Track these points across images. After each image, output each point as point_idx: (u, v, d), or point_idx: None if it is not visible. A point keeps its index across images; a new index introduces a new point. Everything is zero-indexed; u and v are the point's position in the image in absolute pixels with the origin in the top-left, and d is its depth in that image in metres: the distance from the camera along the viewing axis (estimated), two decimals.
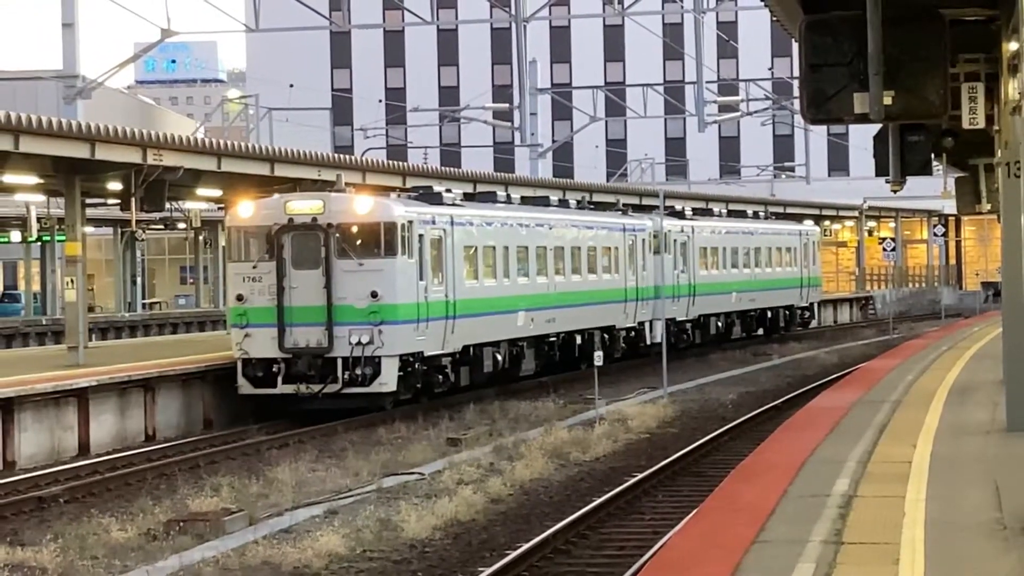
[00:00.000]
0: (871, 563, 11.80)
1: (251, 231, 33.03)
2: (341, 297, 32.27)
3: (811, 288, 64.04)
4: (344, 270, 32.31)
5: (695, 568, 11.88)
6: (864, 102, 17.04)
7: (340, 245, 32.39)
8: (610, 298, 45.45)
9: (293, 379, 32.25)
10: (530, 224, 40.45)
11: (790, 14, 18.86)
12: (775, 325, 60.78)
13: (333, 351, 32.21)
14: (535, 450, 27.34)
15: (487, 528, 20.71)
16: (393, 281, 32.47)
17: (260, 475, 24.93)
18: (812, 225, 67.95)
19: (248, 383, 32.52)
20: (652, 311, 47.60)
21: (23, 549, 18.92)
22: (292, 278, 32.44)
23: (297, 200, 33.27)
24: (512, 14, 58.20)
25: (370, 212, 32.68)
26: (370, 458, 27.04)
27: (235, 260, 33.29)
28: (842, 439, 19.63)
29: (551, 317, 40.97)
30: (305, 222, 32.50)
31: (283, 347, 32.32)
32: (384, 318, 32.17)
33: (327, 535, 19.28)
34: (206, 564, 18.08)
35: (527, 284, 39.81)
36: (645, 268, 47.93)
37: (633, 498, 22.85)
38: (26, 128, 28.97)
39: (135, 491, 23.84)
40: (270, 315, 32.38)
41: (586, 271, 43.88)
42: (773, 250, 59.89)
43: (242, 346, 32.53)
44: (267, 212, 33.02)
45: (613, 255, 46.07)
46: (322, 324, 32.22)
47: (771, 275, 59.30)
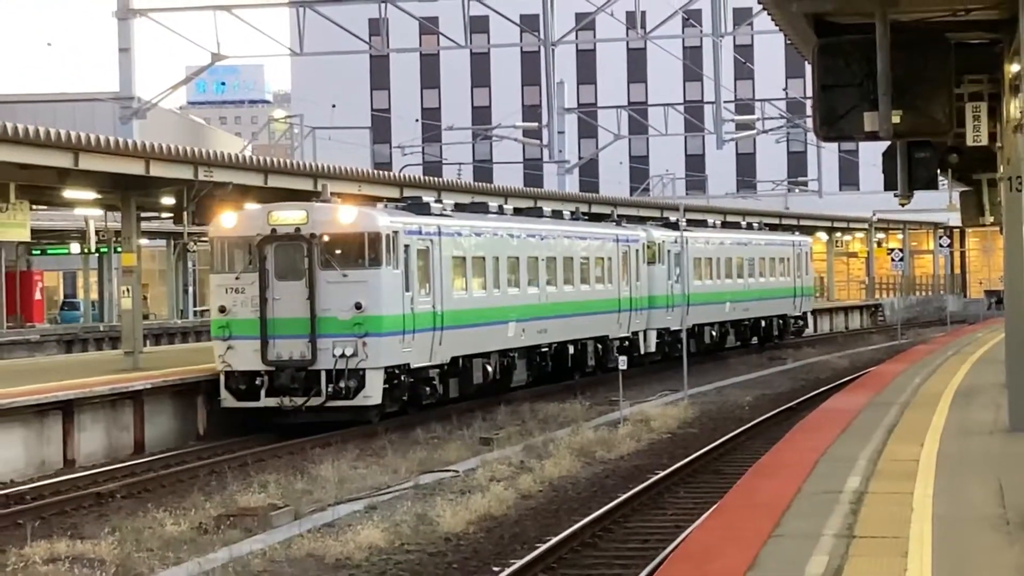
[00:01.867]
0: (881, 556, 11.78)
1: (234, 241, 30.91)
2: (325, 309, 30.16)
3: (804, 297, 62.33)
4: (328, 281, 30.24)
5: (715, 560, 11.86)
6: (874, 121, 17.05)
7: (324, 256, 30.37)
8: (603, 308, 43.27)
9: (276, 392, 30.19)
10: (520, 235, 38.31)
11: (804, 38, 18.86)
12: (769, 334, 58.94)
13: (317, 364, 30.10)
14: (563, 449, 27.34)
15: (518, 522, 20.72)
16: (378, 292, 30.39)
17: (304, 472, 24.98)
18: (805, 236, 65.92)
19: (231, 396, 30.39)
20: (646, 321, 45.98)
21: (83, 542, 18.99)
22: (275, 289, 30.39)
23: (280, 210, 31.05)
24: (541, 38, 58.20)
25: (354, 222, 30.57)
26: (408, 456, 27.06)
27: (218, 271, 31.17)
28: (853, 439, 19.59)
29: (543, 328, 39.03)
30: (288, 232, 30.46)
31: (266, 360, 30.21)
32: (368, 330, 30.07)
33: (367, 529, 19.30)
34: (254, 556, 18.11)
35: (517, 295, 37.74)
36: (639, 278, 45.88)
37: (656, 494, 22.85)
38: (85, 146, 29.07)
39: (187, 487, 23.90)
40: (253, 327, 30.27)
41: (578, 281, 41.69)
42: (767, 260, 58.10)
43: (225, 358, 30.43)
44: (250, 222, 30.96)
45: (606, 265, 43.87)
46: (305, 336, 30.11)
47: (765, 285, 57.49)
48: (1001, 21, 18.26)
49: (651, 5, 63.87)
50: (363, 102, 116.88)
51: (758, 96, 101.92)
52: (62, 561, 18.01)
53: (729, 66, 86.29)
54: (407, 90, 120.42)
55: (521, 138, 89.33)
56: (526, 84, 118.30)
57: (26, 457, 26.20)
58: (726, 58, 64.95)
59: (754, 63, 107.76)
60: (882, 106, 16.81)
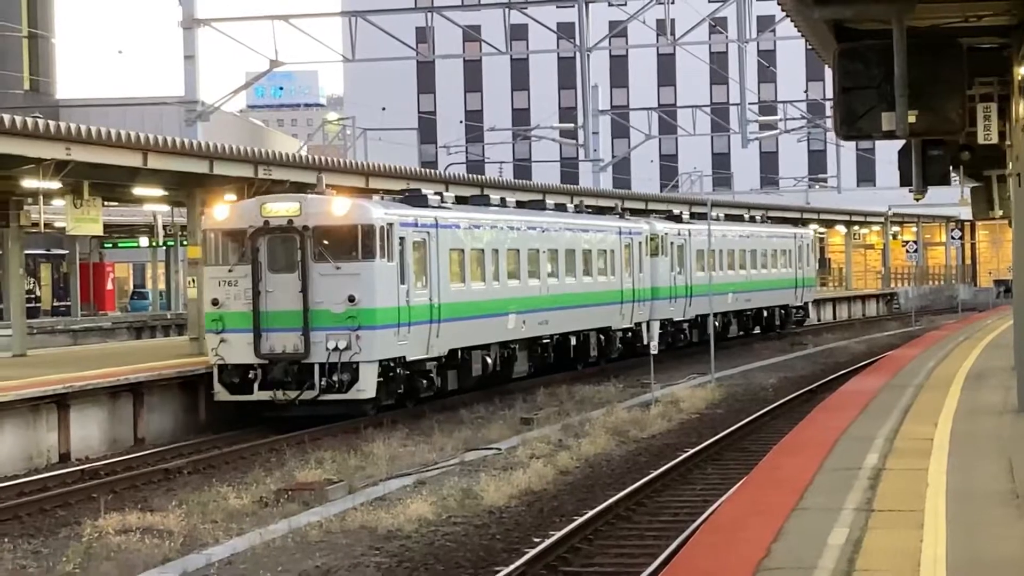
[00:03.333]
0: (898, 528, 11.75)
1: (226, 233, 28.68)
2: (318, 301, 28.01)
3: (805, 288, 59.78)
4: (321, 274, 28.07)
5: (742, 532, 11.86)
6: (891, 121, 16.98)
7: (317, 248, 28.17)
8: (606, 300, 40.93)
9: (270, 385, 28.09)
10: (520, 227, 35.87)
11: (825, 43, 18.79)
12: (771, 324, 56.47)
13: (310, 357, 27.96)
14: (598, 428, 27.34)
15: (557, 496, 20.72)
16: (371, 285, 28.16)
17: (358, 450, 25.02)
18: (806, 229, 63.59)
19: (224, 390, 28.34)
20: (649, 312, 43.78)
21: (152, 514, 19.07)
22: (268, 282, 28.23)
23: (273, 202, 28.81)
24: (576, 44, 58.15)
25: (347, 214, 28.33)
26: (453, 435, 27.08)
27: (211, 263, 28.93)
28: (871, 419, 19.55)
29: (544, 319, 36.65)
30: (281, 224, 28.28)
31: (259, 353, 28.08)
32: (362, 323, 27.90)
33: (416, 503, 19.33)
34: (311, 528, 18.17)
35: (518, 287, 35.32)
36: (642, 270, 43.47)
37: (685, 471, 22.82)
38: (153, 147, 29.18)
39: (249, 464, 23.99)
40: (246, 320, 28.13)
41: (581, 273, 39.30)
42: (769, 252, 55.41)
43: (218, 352, 28.31)
44: (242, 214, 28.74)
45: (609, 258, 41.38)
46: (298, 329, 27.99)
47: (767, 276, 54.86)
48: (1010, 27, 18.20)
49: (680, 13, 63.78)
50: (411, 105, 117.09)
51: (780, 98, 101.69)
52: (133, 532, 18.09)
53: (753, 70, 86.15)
54: (452, 93, 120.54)
55: (558, 138, 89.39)
56: (563, 88, 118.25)
57: (100, 436, 26.37)
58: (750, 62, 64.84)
59: (777, 67, 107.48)
60: (899, 107, 16.74)
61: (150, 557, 16.77)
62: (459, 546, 17.28)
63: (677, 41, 63.19)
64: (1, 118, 25.09)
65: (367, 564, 16.25)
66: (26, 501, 20.77)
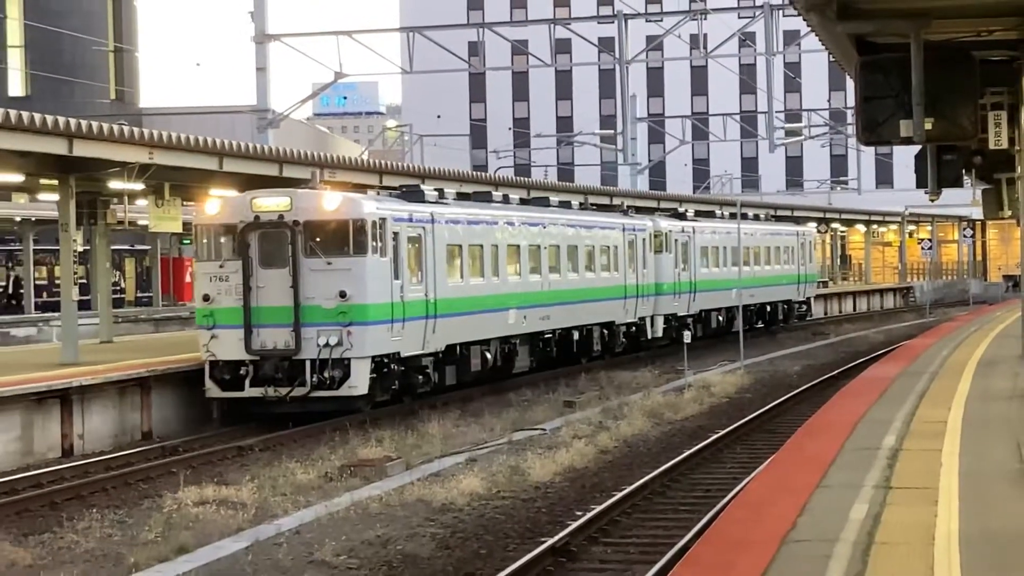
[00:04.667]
0: (914, 504, 11.70)
1: (217, 229, 26.38)
2: (309, 297, 25.72)
3: (808, 284, 57.05)
4: (312, 269, 25.78)
5: (769, 506, 11.83)
6: (909, 128, 16.93)
7: (308, 243, 25.88)
8: (608, 295, 38.36)
9: (261, 382, 25.79)
10: (519, 223, 33.21)
11: (847, 56, 18.72)
12: (774, 318, 53.67)
13: (301, 353, 25.63)
14: (636, 411, 27.30)
15: (597, 473, 20.71)
16: (363, 280, 25.85)
17: (414, 430, 25.06)
18: (809, 226, 60.25)
19: (216, 386, 26.04)
20: (653, 307, 41.43)
21: (227, 487, 19.16)
22: (259, 277, 25.98)
23: (264, 197, 26.45)
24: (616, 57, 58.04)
25: (338, 209, 25.97)
26: (502, 417, 27.10)
27: (202, 259, 26.64)
28: (889, 403, 19.46)
29: (545, 314, 34.16)
30: (272, 219, 25.99)
31: (250, 349, 25.81)
32: (353, 319, 25.60)
33: (468, 478, 19.34)
34: (372, 501, 18.21)
35: (518, 282, 32.83)
36: (645, 266, 40.92)
37: (716, 450, 22.77)
38: (228, 151, 29.31)
39: (316, 442, 24.06)
40: (237, 316, 25.86)
41: (583, 269, 36.72)
42: (772, 249, 52.62)
43: (209, 348, 26.00)
44: (233, 209, 26.39)
45: (612, 254, 38.77)
46: (289, 325, 25.70)
47: (770, 272, 52.08)
48: (1019, 40, 18.09)
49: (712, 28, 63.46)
50: (463, 113, 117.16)
51: (805, 106, 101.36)
52: (210, 503, 18.19)
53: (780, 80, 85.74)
54: (501, 102, 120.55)
55: (599, 143, 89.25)
56: (603, 97, 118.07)
57: (177, 415, 26.51)
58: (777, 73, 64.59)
59: (802, 78, 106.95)
60: (916, 115, 16.70)
61: (225, 527, 16.85)
62: (507, 518, 17.30)
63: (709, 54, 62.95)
64: (91, 125, 25.27)
65: (423, 534, 16.28)
66: (112, 475, 20.92)
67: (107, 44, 77.62)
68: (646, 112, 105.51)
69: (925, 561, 9.57)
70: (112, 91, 78.74)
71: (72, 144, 24.75)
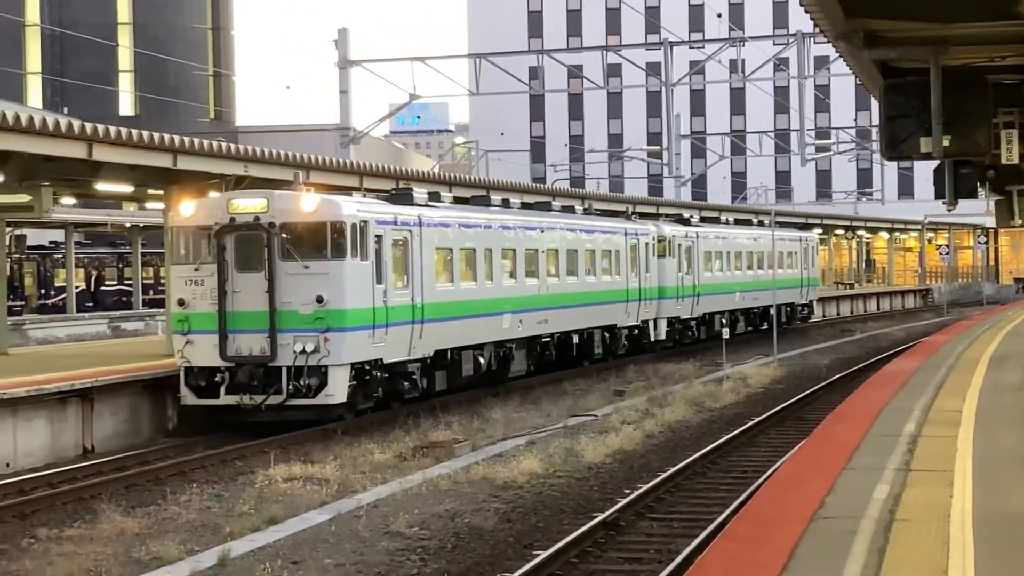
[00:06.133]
0: (932, 485, 11.63)
1: (192, 231, 23.21)
2: (285, 302, 22.53)
3: (810, 288, 53.67)
4: (288, 273, 22.59)
5: (801, 486, 11.78)
6: (928, 144, 16.82)
7: (284, 246, 22.68)
8: (610, 299, 35.12)
9: (236, 389, 22.72)
10: (515, 227, 29.86)
11: (872, 79, 18.61)
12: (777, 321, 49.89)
13: (277, 360, 22.51)
14: (679, 400, 27.24)
15: (644, 455, 20.69)
16: (341, 285, 22.62)
17: (479, 415, 25.13)
18: (811, 233, 56.42)
19: (191, 393, 22.98)
20: (656, 310, 38.55)
21: (312, 465, 19.25)
22: (235, 281, 22.80)
23: (240, 198, 23.28)
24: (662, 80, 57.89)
25: (316, 211, 22.70)
26: (558, 404, 27.10)
27: (176, 262, 23.37)
28: (909, 394, 19.32)
29: (543, 318, 30.88)
30: (248, 221, 22.78)
31: (225, 355, 22.65)
32: (331, 324, 22.40)
33: (528, 459, 19.36)
34: (441, 479, 18.26)
35: (514, 286, 29.49)
36: (648, 270, 37.87)
37: (752, 436, 22.69)
38: (314, 165, 29.44)
39: (391, 426, 24.13)
40: (212, 321, 22.70)
41: (583, 273, 33.33)
42: (775, 254, 48.72)
43: (184, 354, 22.89)
44: (209, 211, 23.18)
45: (614, 258, 35.50)
46: (265, 331, 22.51)
47: (772, 276, 47.78)
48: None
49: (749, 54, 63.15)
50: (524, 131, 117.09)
51: (834, 124, 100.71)
52: (297, 480, 18.28)
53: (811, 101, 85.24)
54: (558, 121, 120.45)
55: (646, 158, 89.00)
56: (650, 116, 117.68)
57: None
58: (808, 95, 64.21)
59: (831, 99, 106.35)
60: (935, 133, 16.57)
61: (311, 500, 16.94)
62: (563, 495, 17.32)
63: (747, 77, 62.67)
64: (192, 141, 25.47)
65: (487, 509, 16.32)
66: (211, 454, 21.07)
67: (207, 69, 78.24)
68: (689, 130, 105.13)
69: (941, 537, 9.52)
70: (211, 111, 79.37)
71: (176, 158, 24.96)
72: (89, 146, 22.86)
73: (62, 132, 22.23)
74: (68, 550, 14.38)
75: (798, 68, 57.49)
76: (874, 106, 19.90)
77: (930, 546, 9.23)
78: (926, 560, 8.81)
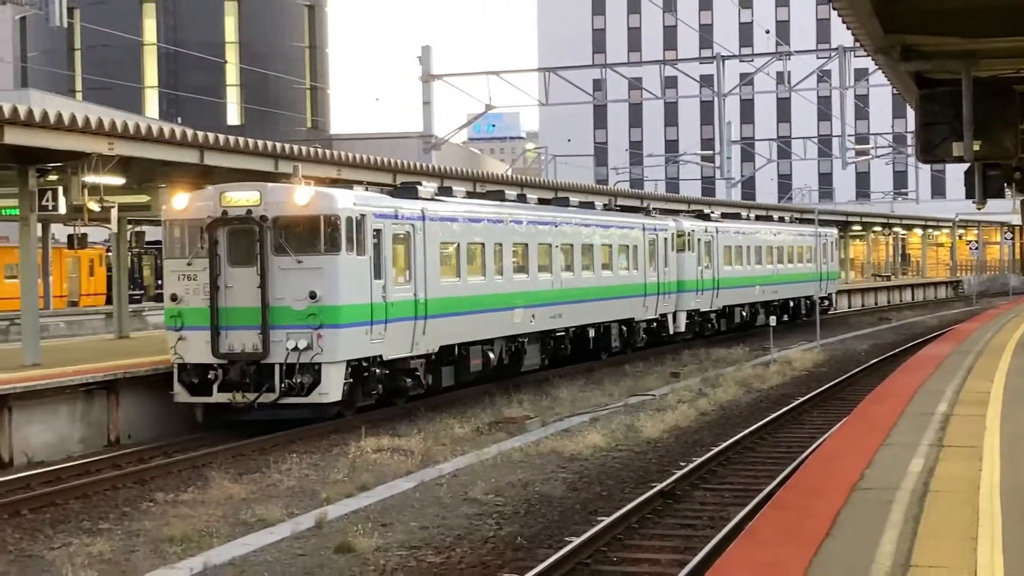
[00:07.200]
0: (963, 460, 11.51)
1: (185, 224, 20.73)
2: (278, 298, 20.05)
3: (829, 281, 50.60)
4: (281, 268, 20.10)
5: (842, 460, 11.71)
6: (960, 149, 16.63)
7: (277, 240, 20.15)
8: (627, 293, 32.18)
9: (228, 387, 20.27)
10: (526, 221, 27.01)
11: (908, 89, 18.42)
12: (797, 312, 47.55)
13: (269, 357, 20.00)
14: (729, 381, 27.11)
15: (697, 432, 20.61)
16: (335, 280, 20.04)
17: (548, 394, 25.13)
18: (831, 229, 53.20)
19: (184, 390, 20.52)
20: (675, 304, 35.78)
21: (399, 438, 19.37)
22: (227, 276, 20.37)
23: (233, 191, 20.65)
24: (715, 91, 57.53)
25: (309, 204, 20.14)
26: (619, 384, 27.06)
27: (170, 256, 20.95)
28: (942, 376, 19.10)
29: (557, 313, 28.15)
30: (240, 215, 20.31)
31: (217, 352, 20.23)
32: (324, 321, 19.86)
33: (592, 434, 19.38)
34: (514, 451, 18.32)
35: (525, 281, 26.75)
36: (667, 264, 35.06)
37: (797, 414, 22.53)
38: (400, 169, 29.60)
39: (469, 404, 24.23)
40: (204, 317, 20.34)
41: (599, 268, 30.49)
42: (795, 249, 46.58)
43: (176, 350, 20.47)
44: (201, 204, 20.67)
45: (631, 253, 32.56)
46: (257, 327, 20.06)
47: (792, 270, 46.09)
48: None
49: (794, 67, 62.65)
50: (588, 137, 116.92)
51: (872, 131, 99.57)
52: (385, 451, 18.39)
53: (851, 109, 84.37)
54: (619, 128, 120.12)
55: (700, 162, 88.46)
56: (703, 124, 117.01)
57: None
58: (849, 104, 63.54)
59: (869, 107, 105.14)
60: (966, 138, 16.38)
61: (397, 469, 17.04)
62: (624, 467, 17.31)
63: (792, 88, 62.12)
64: (291, 148, 25.70)
65: (556, 478, 16.35)
66: (308, 429, 21.24)
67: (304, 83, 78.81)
68: (739, 136, 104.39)
69: (971, 506, 9.43)
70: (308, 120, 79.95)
71: (277, 163, 25.19)
72: (201, 152, 23.14)
73: (177, 140, 22.53)
74: (183, 512, 14.59)
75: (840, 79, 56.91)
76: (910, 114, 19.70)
77: (961, 515, 9.15)
78: (957, 527, 8.74)
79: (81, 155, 21.13)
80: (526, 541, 12.85)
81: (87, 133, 20.58)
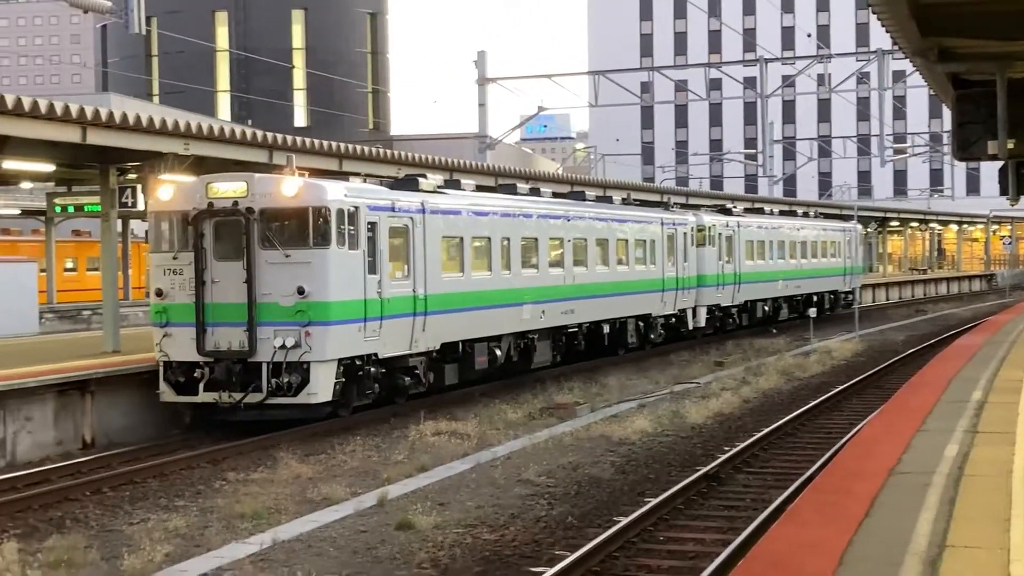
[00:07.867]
0: (996, 445, 11.38)
1: (170, 216, 18.96)
2: (265, 293, 18.22)
3: (853, 275, 48.23)
4: (268, 262, 18.26)
5: (880, 445, 11.62)
6: (994, 147, 16.42)
7: (264, 233, 18.33)
8: (644, 288, 30.17)
9: (214, 386, 18.50)
10: (535, 215, 25.00)
11: (944, 90, 18.21)
12: (821, 307, 45.13)
13: (256, 355, 18.19)
14: (771, 370, 26.96)
15: (740, 418, 20.53)
16: (324, 275, 18.18)
17: (597, 381, 25.13)
18: (855, 224, 49.76)
19: (170, 389, 18.81)
20: (694, 299, 33.70)
21: (456, 422, 19.44)
22: (213, 271, 18.60)
23: (219, 182, 18.77)
24: (757, 92, 57.14)
25: (297, 195, 18.27)
26: (666, 372, 27.00)
27: (156, 250, 19.20)
28: (976, 365, 18.89)
29: (569, 308, 26.14)
30: (226, 207, 18.49)
31: (203, 350, 18.49)
32: (312, 318, 18.03)
33: (639, 420, 19.35)
34: (565, 435, 18.34)
35: (535, 276, 24.71)
36: (687, 259, 32.94)
37: (836, 402, 22.38)
38: (457, 167, 29.65)
39: (522, 390, 24.26)
40: (190, 313, 18.60)
41: (614, 263, 28.42)
42: (819, 244, 44.37)
43: (162, 347, 18.82)
44: (187, 195, 18.87)
45: (648, 247, 30.44)
46: (244, 324, 18.26)
47: (816, 265, 43.89)
48: None
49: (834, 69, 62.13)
50: (636, 137, 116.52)
51: (910, 130, 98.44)
52: (443, 434, 18.49)
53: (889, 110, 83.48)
54: (666, 128, 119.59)
55: (743, 160, 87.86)
56: (746, 124, 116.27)
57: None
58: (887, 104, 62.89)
59: (907, 107, 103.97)
60: (1000, 137, 16.17)
61: (454, 452, 17.13)
62: (670, 451, 17.27)
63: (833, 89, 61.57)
64: (355, 148, 25.84)
65: (604, 462, 16.35)
66: (371, 416, 21.37)
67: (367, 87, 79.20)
68: (781, 135, 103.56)
69: (1004, 490, 9.33)
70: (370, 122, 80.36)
71: (342, 162, 25.32)
72: (270, 152, 23.32)
73: (248, 140, 22.72)
74: (253, 491, 14.74)
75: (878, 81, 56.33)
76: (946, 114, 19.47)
77: (995, 498, 9.05)
78: (991, 510, 8.65)
79: (158, 155, 21.37)
80: (576, 520, 12.87)
81: (164, 134, 20.80)
